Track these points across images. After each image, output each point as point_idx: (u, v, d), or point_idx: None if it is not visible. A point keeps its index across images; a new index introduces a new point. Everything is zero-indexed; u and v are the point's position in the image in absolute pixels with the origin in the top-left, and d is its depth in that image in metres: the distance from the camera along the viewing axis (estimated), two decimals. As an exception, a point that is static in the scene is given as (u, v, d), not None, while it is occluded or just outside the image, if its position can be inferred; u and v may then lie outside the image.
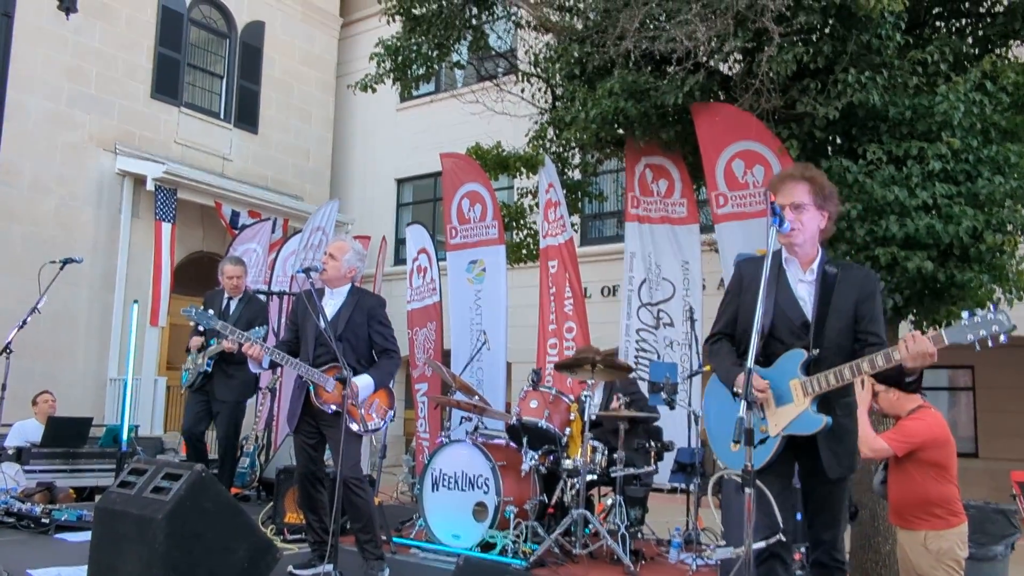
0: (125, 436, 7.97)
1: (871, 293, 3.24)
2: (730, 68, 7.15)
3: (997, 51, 6.78)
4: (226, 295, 6.88)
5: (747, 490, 2.75)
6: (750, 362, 2.87)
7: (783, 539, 3.05)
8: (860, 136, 6.71)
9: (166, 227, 13.94)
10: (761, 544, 2.98)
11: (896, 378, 3.12)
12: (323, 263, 4.91)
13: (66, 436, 7.71)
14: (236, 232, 13.06)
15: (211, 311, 5.62)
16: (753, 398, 2.80)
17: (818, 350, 3.20)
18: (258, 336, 6.02)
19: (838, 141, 6.98)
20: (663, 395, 5.75)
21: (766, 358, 3.25)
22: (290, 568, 4.80)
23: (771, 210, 3.12)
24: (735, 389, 3.27)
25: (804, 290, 3.33)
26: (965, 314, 2.93)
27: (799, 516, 4.83)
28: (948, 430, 4.68)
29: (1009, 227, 6.33)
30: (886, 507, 5.26)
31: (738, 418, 2.74)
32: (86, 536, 4.21)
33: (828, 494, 3.28)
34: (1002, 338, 2.87)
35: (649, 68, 6.94)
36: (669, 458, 6.19)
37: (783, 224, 3.19)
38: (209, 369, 6.64)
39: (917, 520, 4.66)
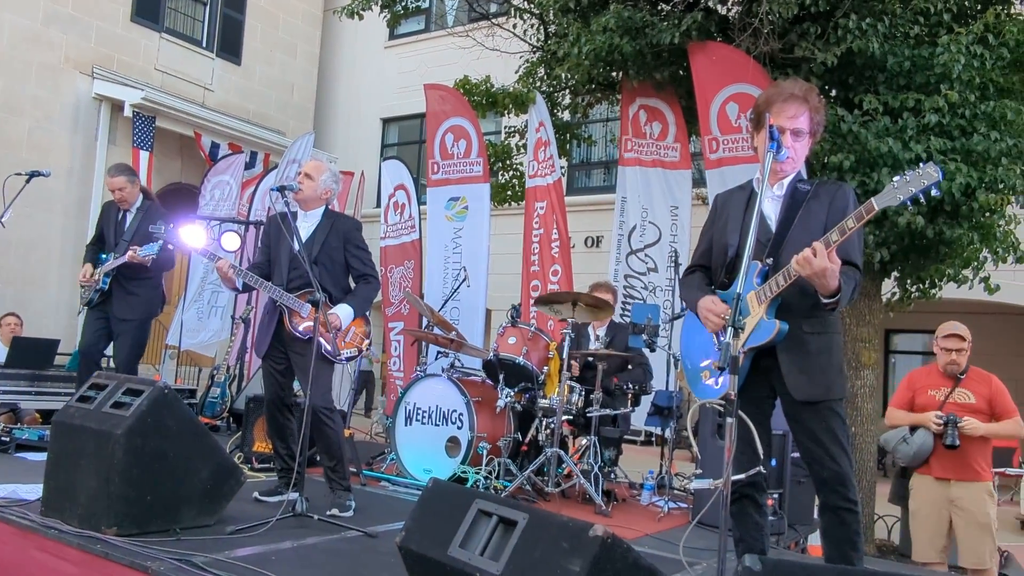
0: (93, 360, 7.78)
1: (843, 208, 3.00)
2: (728, 9, 6.97)
3: (1000, 5, 6.63)
4: (121, 207, 6.31)
5: (728, 420, 2.63)
6: (739, 287, 2.74)
7: (763, 471, 2.94)
8: (857, 85, 6.59)
9: (143, 155, 13.56)
10: (741, 476, 2.87)
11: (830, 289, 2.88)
12: (299, 182, 4.72)
13: (31, 357, 7.51)
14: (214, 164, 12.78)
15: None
16: (739, 324, 2.66)
17: (772, 259, 3.04)
18: (150, 252, 5.69)
19: (833, 92, 6.86)
20: (644, 337, 5.64)
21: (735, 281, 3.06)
22: (256, 495, 4.71)
23: (769, 134, 2.96)
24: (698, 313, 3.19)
25: (770, 207, 3.16)
26: (896, 178, 2.80)
27: (773, 462, 4.81)
28: None
29: (1001, 186, 6.24)
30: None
31: (723, 343, 2.61)
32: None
33: (809, 419, 3.01)
34: (934, 191, 2.74)
35: (646, 5, 6.76)
36: (647, 402, 6.12)
37: (780, 151, 3.03)
38: (106, 287, 6.06)
39: (988, 471, 4.86)
